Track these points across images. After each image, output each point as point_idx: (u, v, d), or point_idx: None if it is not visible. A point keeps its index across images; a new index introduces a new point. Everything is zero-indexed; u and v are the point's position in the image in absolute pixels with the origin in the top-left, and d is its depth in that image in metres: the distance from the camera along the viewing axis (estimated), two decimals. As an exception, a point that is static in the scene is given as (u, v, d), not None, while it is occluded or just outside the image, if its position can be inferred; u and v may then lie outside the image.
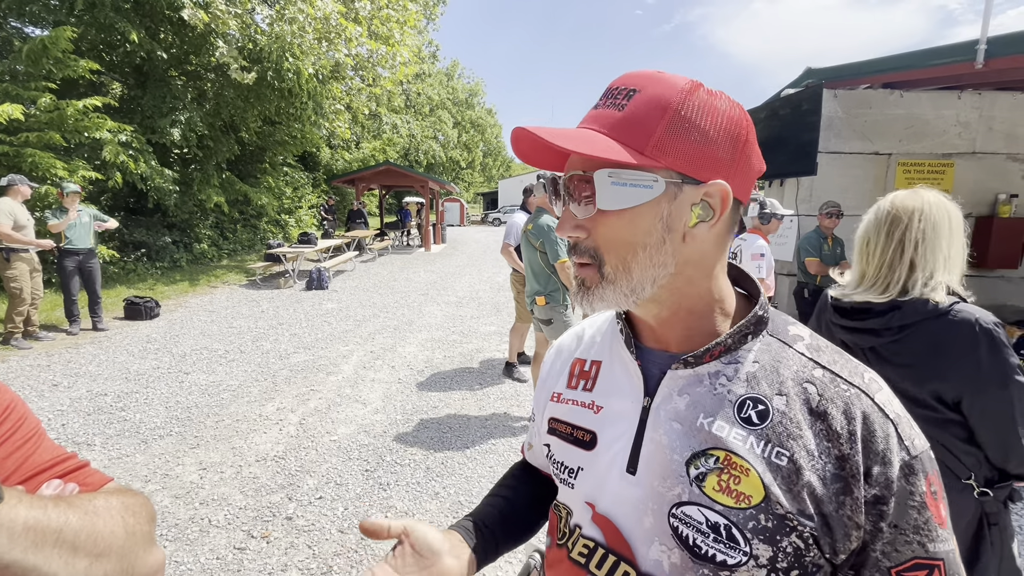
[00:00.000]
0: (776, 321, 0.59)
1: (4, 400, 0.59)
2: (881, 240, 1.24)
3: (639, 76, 0.54)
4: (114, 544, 0.53)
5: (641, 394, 0.59)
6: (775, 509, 0.49)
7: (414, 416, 3.89)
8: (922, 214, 1.21)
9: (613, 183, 0.51)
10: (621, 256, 0.54)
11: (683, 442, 0.54)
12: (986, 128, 4.79)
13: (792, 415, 0.52)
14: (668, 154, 0.51)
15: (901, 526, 0.49)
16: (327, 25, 10.60)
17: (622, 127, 0.52)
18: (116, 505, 0.56)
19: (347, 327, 6.59)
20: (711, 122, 0.52)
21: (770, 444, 0.51)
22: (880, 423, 0.51)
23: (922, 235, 1.19)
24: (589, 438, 0.63)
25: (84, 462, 0.65)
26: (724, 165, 0.53)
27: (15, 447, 0.58)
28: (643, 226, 0.53)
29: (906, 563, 0.49)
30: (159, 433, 3.54)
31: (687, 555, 0.52)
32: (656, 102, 0.51)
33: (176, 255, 10.74)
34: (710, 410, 0.54)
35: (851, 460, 0.49)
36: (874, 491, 0.49)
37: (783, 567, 0.49)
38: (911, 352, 1.18)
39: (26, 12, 9.02)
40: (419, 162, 31.09)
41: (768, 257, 3.59)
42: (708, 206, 0.53)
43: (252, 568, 2.27)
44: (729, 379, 0.55)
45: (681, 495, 0.53)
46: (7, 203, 5.20)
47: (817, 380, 0.53)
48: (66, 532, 0.48)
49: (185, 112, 9.83)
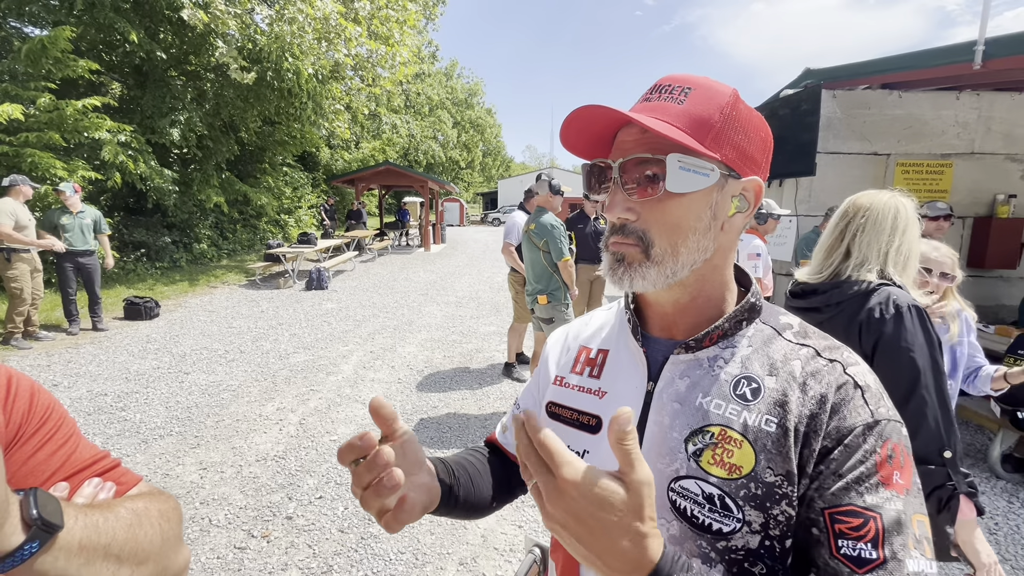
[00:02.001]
0: (768, 310, 0.64)
1: (44, 402, 0.62)
2: (831, 232, 1.39)
3: (687, 78, 0.59)
4: (152, 551, 0.58)
5: (645, 379, 0.63)
6: (764, 476, 0.53)
7: (414, 416, 3.90)
8: (867, 210, 1.33)
9: (681, 167, 0.54)
10: (672, 239, 0.57)
11: (682, 421, 0.58)
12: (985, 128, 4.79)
13: (780, 388, 0.56)
14: (723, 147, 0.56)
15: (844, 474, 0.51)
16: (327, 25, 10.59)
17: (686, 118, 0.55)
18: (154, 513, 0.61)
19: (347, 327, 6.60)
20: (752, 125, 0.58)
21: (761, 415, 0.55)
22: (849, 389, 0.55)
23: (861, 228, 1.32)
24: (595, 423, 0.66)
25: (117, 460, 0.69)
26: (758, 164, 0.60)
27: (58, 446, 0.61)
28: (696, 211, 0.57)
29: (841, 507, 0.50)
30: (159, 433, 3.54)
31: (686, 526, 0.55)
32: (714, 101, 0.56)
33: (176, 255, 10.74)
34: (708, 390, 0.59)
35: (818, 418, 0.54)
36: (826, 443, 0.53)
37: (776, 535, 0.53)
38: (841, 326, 1.28)
39: (25, 12, 9.01)
40: (418, 162, 31.10)
41: (765, 257, 3.60)
42: (744, 199, 0.59)
43: (253, 567, 2.27)
44: (726, 361, 0.60)
45: (679, 470, 0.57)
46: (9, 203, 5.20)
47: (802, 357, 0.58)
48: (112, 546, 0.53)
49: (184, 112, 9.83)
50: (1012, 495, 2.89)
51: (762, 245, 3.64)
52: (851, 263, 1.31)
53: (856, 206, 1.35)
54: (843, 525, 0.50)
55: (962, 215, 4.87)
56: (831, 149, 4.81)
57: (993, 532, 2.57)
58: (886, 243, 1.30)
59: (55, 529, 0.46)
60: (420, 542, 2.46)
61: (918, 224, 1.32)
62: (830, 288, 1.33)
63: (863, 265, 1.30)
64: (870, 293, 1.25)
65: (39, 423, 0.60)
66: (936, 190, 4.79)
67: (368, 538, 2.48)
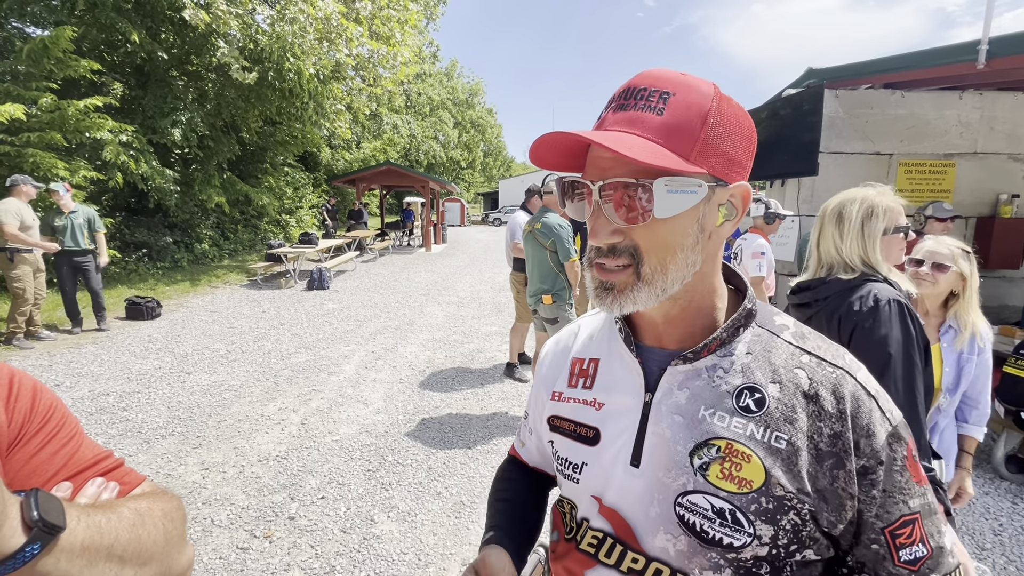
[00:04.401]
0: (763, 312, 0.63)
1: (46, 401, 0.62)
2: (817, 231, 1.44)
3: (664, 77, 0.54)
4: (155, 552, 0.57)
5: (642, 390, 0.62)
6: (775, 491, 0.52)
7: (416, 416, 3.89)
8: (821, 214, 1.42)
9: (669, 191, 0.51)
10: (660, 258, 0.54)
11: (686, 434, 0.57)
12: (988, 128, 4.78)
13: (787, 400, 0.55)
14: (709, 159, 0.52)
15: (889, 490, 0.53)
16: (328, 25, 10.59)
17: (667, 132, 0.51)
18: (157, 513, 0.60)
19: (348, 327, 6.60)
20: (736, 128, 0.54)
21: (768, 429, 0.54)
22: (865, 400, 0.54)
23: (820, 231, 1.41)
24: (592, 434, 0.65)
25: (120, 460, 0.68)
26: (743, 167, 0.56)
27: (60, 445, 0.61)
28: (683, 229, 0.54)
29: (896, 522, 0.53)
30: (161, 433, 3.54)
31: (695, 540, 0.54)
32: (695, 108, 0.52)
33: (177, 255, 10.74)
34: (710, 402, 0.57)
35: (842, 436, 0.53)
36: (863, 462, 0.53)
37: (783, 543, 0.53)
38: (825, 319, 1.32)
39: (27, 12, 9.02)
40: (420, 162, 31.08)
41: (768, 256, 3.60)
42: (732, 205, 0.56)
43: (255, 568, 2.27)
44: (726, 371, 0.58)
45: (686, 484, 0.55)
46: (13, 203, 5.21)
47: (806, 365, 0.57)
48: (116, 547, 0.52)
49: (186, 112, 9.83)
50: (1016, 496, 2.88)
51: (766, 244, 3.63)
52: (835, 260, 1.37)
53: (837, 203, 1.42)
54: (901, 538, 0.54)
55: (965, 215, 4.86)
56: (833, 149, 4.80)
57: (998, 533, 2.56)
58: (839, 238, 1.36)
59: (57, 530, 0.46)
60: (423, 543, 2.46)
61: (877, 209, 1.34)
62: (818, 284, 1.39)
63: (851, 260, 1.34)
64: (853, 288, 1.30)
65: (41, 422, 0.60)
66: (939, 190, 4.77)
67: (370, 538, 2.47)
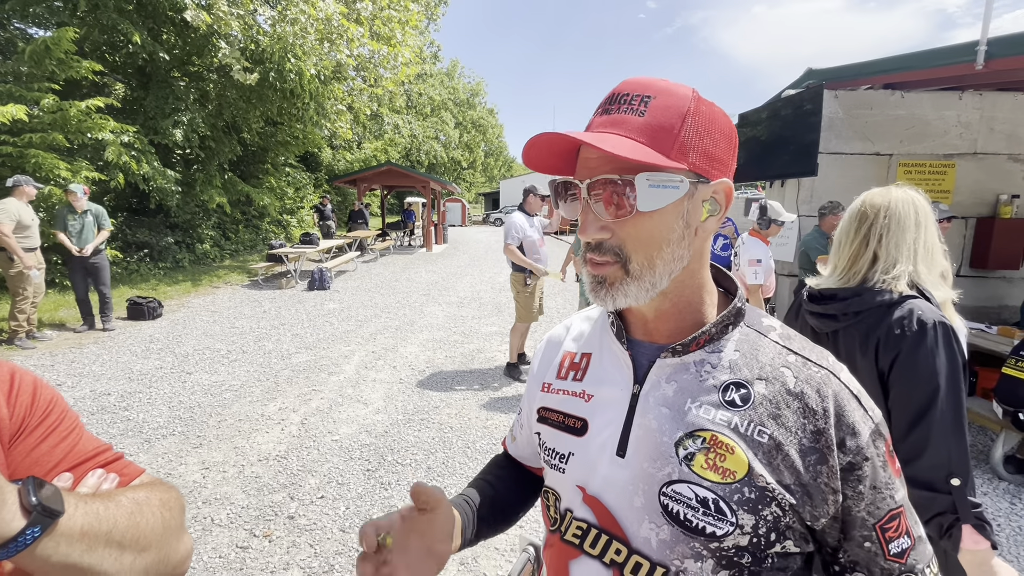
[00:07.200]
0: (751, 313, 0.65)
1: (47, 396, 0.64)
2: (850, 235, 1.31)
3: (645, 83, 0.58)
4: (154, 539, 0.59)
5: (631, 382, 0.63)
6: (757, 482, 0.54)
7: (415, 416, 3.90)
8: (887, 210, 1.26)
9: (651, 185, 0.54)
10: (647, 253, 0.57)
11: (672, 425, 0.58)
12: (987, 129, 4.77)
13: (772, 397, 0.57)
14: (688, 155, 0.55)
15: (878, 486, 0.56)
16: (329, 26, 10.62)
17: (649, 132, 0.54)
18: (155, 501, 0.62)
19: (349, 327, 6.61)
20: (714, 127, 0.57)
21: (752, 423, 0.56)
22: (847, 399, 0.57)
23: (886, 229, 1.25)
24: (580, 425, 0.66)
25: (119, 453, 0.70)
26: (725, 164, 0.59)
27: (60, 438, 0.63)
28: (668, 223, 0.56)
29: (885, 517, 0.56)
30: (162, 433, 3.56)
31: (678, 529, 0.56)
32: (674, 108, 0.55)
33: (178, 255, 10.77)
34: (696, 395, 0.59)
35: (825, 433, 0.55)
36: (848, 459, 0.55)
37: (763, 532, 0.54)
38: (858, 337, 1.22)
39: (29, 14, 9.06)
40: (421, 162, 31.10)
41: (765, 263, 3.60)
42: (715, 201, 0.59)
43: (255, 567, 2.28)
44: (713, 367, 0.60)
45: (671, 474, 0.57)
46: (12, 203, 5.24)
47: (792, 364, 0.59)
48: (114, 533, 0.54)
49: (187, 113, 9.86)
50: (1015, 496, 2.88)
51: (764, 251, 3.63)
52: (879, 267, 1.24)
53: (874, 206, 1.28)
54: (890, 531, 0.56)
55: (965, 215, 4.86)
56: (833, 149, 4.80)
57: (996, 533, 2.56)
58: (912, 240, 1.23)
59: (56, 515, 0.47)
60: (421, 542, 2.46)
61: (934, 216, 1.28)
62: (851, 295, 1.25)
63: (894, 266, 1.22)
64: (893, 306, 1.16)
65: (42, 416, 0.62)
66: (939, 190, 4.77)
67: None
